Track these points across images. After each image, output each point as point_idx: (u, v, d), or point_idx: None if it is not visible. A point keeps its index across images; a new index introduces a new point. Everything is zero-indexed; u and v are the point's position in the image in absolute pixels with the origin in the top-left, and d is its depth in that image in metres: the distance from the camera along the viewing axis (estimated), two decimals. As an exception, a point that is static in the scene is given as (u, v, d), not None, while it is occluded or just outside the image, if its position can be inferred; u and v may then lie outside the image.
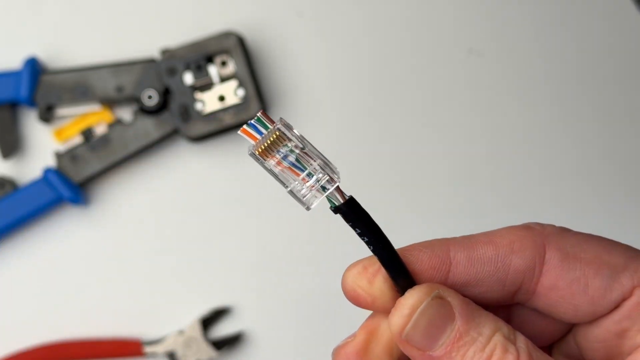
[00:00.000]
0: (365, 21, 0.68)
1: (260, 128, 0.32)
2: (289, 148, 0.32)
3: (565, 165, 0.68)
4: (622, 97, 0.68)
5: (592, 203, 0.68)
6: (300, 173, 0.32)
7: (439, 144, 0.68)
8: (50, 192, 0.64)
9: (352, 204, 0.32)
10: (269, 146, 0.32)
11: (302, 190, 0.32)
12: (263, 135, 0.32)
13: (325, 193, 0.32)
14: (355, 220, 0.32)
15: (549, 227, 0.36)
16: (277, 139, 0.32)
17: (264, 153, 0.32)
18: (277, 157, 0.32)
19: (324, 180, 0.32)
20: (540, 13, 0.69)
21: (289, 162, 0.32)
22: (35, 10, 0.68)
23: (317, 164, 0.32)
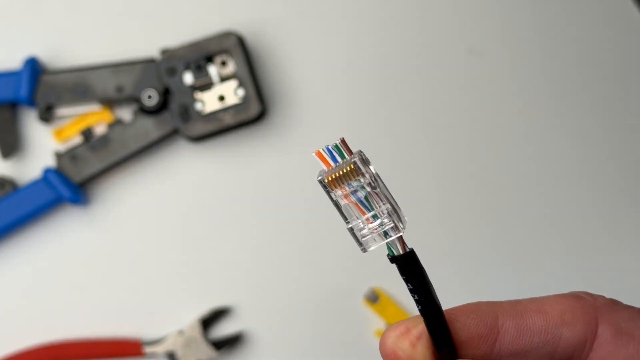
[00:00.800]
0: (365, 21, 0.68)
1: (336, 155, 0.31)
2: (360, 183, 0.30)
3: (566, 164, 0.68)
4: (622, 96, 0.68)
5: (593, 203, 0.68)
6: (366, 212, 0.31)
7: (439, 143, 0.68)
8: (50, 192, 0.64)
9: (412, 257, 0.31)
10: (340, 177, 0.30)
11: (363, 230, 0.31)
12: (337, 163, 0.31)
13: (387, 240, 0.31)
14: (411, 275, 0.31)
15: (600, 299, 0.34)
16: (351, 172, 0.30)
17: (333, 182, 0.30)
18: (347, 189, 0.30)
19: (388, 226, 0.31)
20: (540, 13, 0.69)
21: (357, 198, 0.31)
22: (35, 10, 0.68)
23: (385, 207, 0.31)
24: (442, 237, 0.67)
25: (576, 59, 0.69)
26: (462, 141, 0.68)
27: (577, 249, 0.67)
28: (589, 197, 0.68)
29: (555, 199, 0.67)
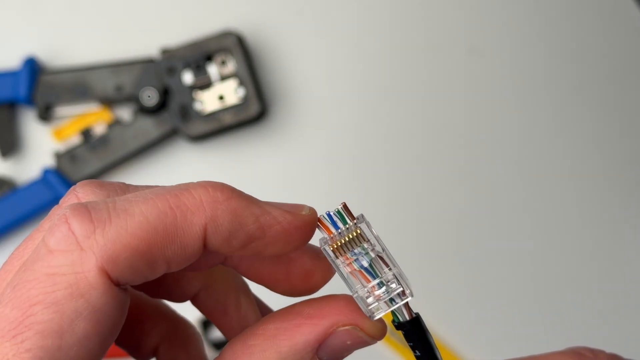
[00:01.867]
0: (365, 20, 0.68)
1: (337, 221, 0.29)
2: (364, 250, 0.29)
3: (567, 164, 0.68)
4: (623, 96, 0.68)
5: (594, 203, 0.67)
6: (371, 280, 0.29)
7: (439, 143, 0.68)
8: (49, 192, 0.64)
9: (418, 323, 0.30)
10: (344, 244, 0.29)
11: (369, 299, 0.29)
12: (339, 229, 0.29)
13: (394, 307, 0.29)
14: (417, 340, 0.30)
15: (601, 355, 0.33)
16: (355, 238, 0.29)
17: (337, 250, 0.29)
18: (350, 257, 0.29)
19: (394, 292, 0.29)
20: (541, 12, 0.69)
21: (360, 266, 0.29)
22: (34, 9, 0.68)
23: (391, 273, 0.29)
24: (442, 236, 0.67)
25: (577, 59, 0.68)
26: (463, 140, 0.68)
27: (578, 253, 0.67)
28: (589, 198, 0.67)
29: (556, 199, 0.67)
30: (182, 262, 0.28)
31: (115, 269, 0.27)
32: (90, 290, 0.27)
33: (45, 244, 0.27)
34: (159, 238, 0.27)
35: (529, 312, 0.66)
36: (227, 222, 0.28)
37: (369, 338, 0.29)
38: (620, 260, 0.67)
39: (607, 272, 0.67)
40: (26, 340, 0.26)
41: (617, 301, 0.67)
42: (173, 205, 0.27)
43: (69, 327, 0.26)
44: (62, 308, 0.26)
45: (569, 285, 0.67)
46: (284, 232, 0.29)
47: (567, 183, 0.67)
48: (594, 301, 0.66)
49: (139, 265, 0.27)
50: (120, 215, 0.27)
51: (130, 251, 0.27)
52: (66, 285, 0.27)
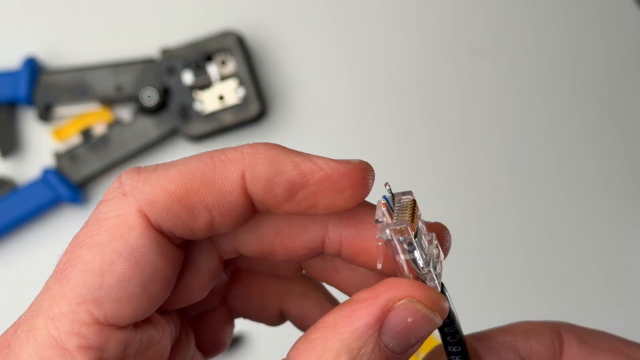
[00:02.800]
0: (365, 20, 0.68)
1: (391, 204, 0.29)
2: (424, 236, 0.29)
3: (567, 163, 0.68)
4: (623, 96, 0.68)
5: (595, 203, 0.67)
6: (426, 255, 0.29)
7: (440, 143, 0.68)
8: (50, 192, 0.64)
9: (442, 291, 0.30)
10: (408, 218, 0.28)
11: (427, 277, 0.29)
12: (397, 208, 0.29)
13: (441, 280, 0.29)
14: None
15: (564, 322, 0.34)
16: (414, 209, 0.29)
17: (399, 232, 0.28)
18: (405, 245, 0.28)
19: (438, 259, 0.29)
20: (541, 12, 0.69)
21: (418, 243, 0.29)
22: (35, 9, 0.68)
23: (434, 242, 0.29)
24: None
25: (577, 59, 0.68)
26: (463, 140, 0.68)
27: (578, 248, 0.67)
28: (589, 196, 0.67)
29: (556, 199, 0.67)
30: (227, 212, 0.28)
31: (153, 211, 0.28)
32: (129, 231, 0.28)
33: (101, 199, 0.29)
34: (197, 183, 0.28)
35: (529, 312, 0.66)
36: (264, 168, 0.28)
37: (429, 312, 0.28)
38: (622, 260, 0.67)
39: (608, 271, 0.67)
40: (71, 278, 0.28)
41: (617, 301, 0.67)
42: (214, 156, 0.28)
43: (109, 267, 0.28)
44: (103, 249, 0.28)
45: (569, 284, 0.67)
46: (328, 179, 0.28)
47: (567, 183, 0.67)
48: (594, 301, 0.66)
49: (177, 209, 0.28)
50: (165, 166, 0.29)
51: (168, 194, 0.28)
52: (109, 227, 0.28)
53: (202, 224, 0.28)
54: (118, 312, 0.28)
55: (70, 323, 0.27)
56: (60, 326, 0.27)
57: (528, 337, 0.33)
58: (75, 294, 0.27)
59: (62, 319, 0.28)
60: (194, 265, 0.31)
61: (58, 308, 0.28)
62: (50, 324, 0.28)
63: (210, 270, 0.31)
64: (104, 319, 0.28)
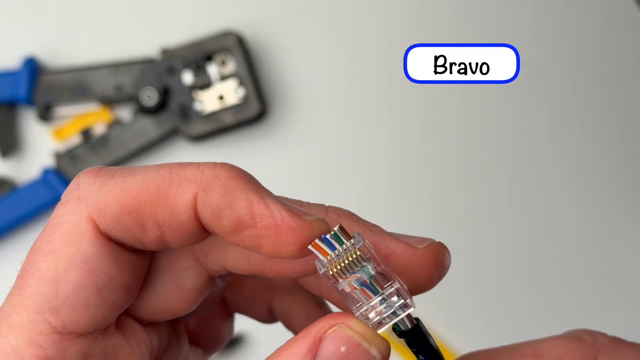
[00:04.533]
0: (365, 20, 0.68)
1: (334, 243, 0.28)
2: (367, 270, 0.28)
3: (568, 163, 0.68)
4: (623, 96, 0.68)
5: (595, 203, 0.67)
6: (373, 296, 0.28)
7: (440, 143, 0.67)
8: (49, 192, 0.64)
9: (418, 329, 0.29)
10: (345, 267, 0.27)
11: (371, 314, 0.28)
12: (336, 250, 0.27)
13: (397, 319, 0.28)
14: (420, 345, 0.29)
15: (601, 338, 0.32)
16: (356, 259, 0.27)
17: (338, 274, 0.27)
18: (350, 277, 0.28)
19: (397, 304, 0.28)
20: (540, 13, 0.69)
21: (361, 284, 0.28)
22: (34, 9, 0.68)
23: (393, 288, 0.28)
24: (442, 236, 0.67)
25: (576, 58, 0.68)
26: (463, 140, 0.68)
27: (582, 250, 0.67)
28: (590, 196, 0.67)
29: (556, 199, 0.67)
30: (177, 231, 0.28)
31: (102, 220, 0.28)
32: (80, 239, 0.28)
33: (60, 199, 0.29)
34: (150, 198, 0.28)
35: (529, 312, 0.66)
36: (217, 198, 0.27)
37: (363, 340, 0.27)
38: (622, 260, 0.67)
39: (608, 271, 0.67)
40: (29, 287, 0.27)
41: (617, 301, 0.67)
42: (174, 171, 0.28)
43: (63, 275, 0.27)
44: (57, 256, 0.28)
45: (569, 284, 0.66)
46: (275, 229, 0.27)
47: (567, 183, 0.67)
48: (594, 301, 0.66)
49: (127, 221, 0.28)
50: (124, 174, 0.29)
51: (119, 205, 0.28)
52: (62, 233, 0.28)
53: (152, 238, 0.28)
54: (75, 319, 0.28)
55: (29, 333, 0.27)
56: (19, 336, 0.27)
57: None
58: (32, 303, 0.27)
59: (21, 328, 0.27)
60: (179, 284, 0.30)
61: (17, 317, 0.28)
62: (10, 333, 0.28)
63: (197, 288, 0.31)
64: (62, 327, 0.27)
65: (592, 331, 0.32)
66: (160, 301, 0.30)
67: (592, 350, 0.31)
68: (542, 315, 0.66)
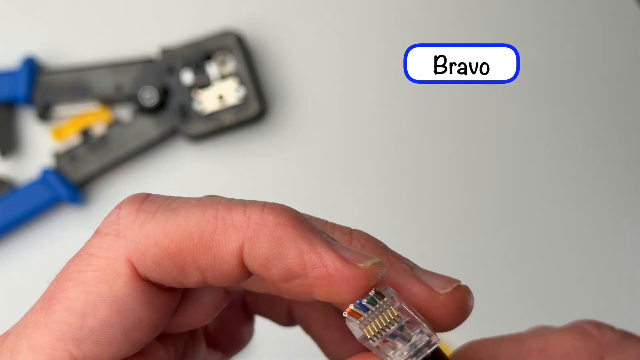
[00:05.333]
0: (366, 20, 0.68)
1: (368, 306, 0.27)
2: (399, 324, 0.27)
3: (567, 163, 0.67)
4: (623, 96, 0.68)
5: (597, 204, 0.67)
6: (404, 344, 0.27)
7: (440, 143, 0.67)
8: (49, 192, 0.64)
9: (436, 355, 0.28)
10: (382, 328, 0.27)
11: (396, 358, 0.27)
12: (369, 311, 0.27)
13: (423, 356, 0.27)
14: None
15: (608, 334, 0.32)
16: (392, 320, 0.27)
17: (377, 335, 0.27)
18: (385, 333, 0.27)
19: (422, 343, 0.27)
20: (540, 12, 0.69)
21: (393, 336, 0.27)
22: (34, 8, 0.68)
23: (419, 332, 0.27)
24: (442, 235, 0.67)
25: (576, 58, 0.68)
26: (463, 139, 0.67)
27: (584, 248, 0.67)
28: (592, 197, 0.67)
29: (556, 199, 0.67)
30: (220, 276, 0.27)
31: (141, 263, 0.27)
32: (115, 278, 0.27)
33: (100, 224, 0.28)
34: (192, 244, 0.27)
35: (529, 312, 0.66)
36: (265, 248, 0.26)
37: None
38: (622, 260, 0.67)
39: (608, 271, 0.67)
40: (55, 312, 0.28)
41: (617, 301, 0.67)
42: (219, 216, 0.27)
43: (91, 310, 0.27)
44: (88, 289, 0.27)
45: (569, 284, 0.66)
46: (329, 279, 0.26)
47: (567, 183, 0.67)
48: (594, 301, 0.66)
49: (167, 266, 0.27)
50: (166, 212, 0.28)
51: (159, 249, 0.27)
52: (97, 267, 0.27)
53: (193, 281, 0.28)
54: (97, 354, 0.27)
55: (47, 357, 0.27)
56: (39, 357, 0.27)
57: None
58: (56, 329, 0.27)
59: (41, 351, 0.27)
60: (195, 300, 0.30)
61: (40, 338, 0.28)
62: (30, 353, 0.28)
63: (213, 303, 0.31)
64: (82, 358, 0.27)
65: (600, 324, 0.32)
66: (177, 317, 0.30)
67: (599, 347, 0.31)
68: (543, 315, 0.66)
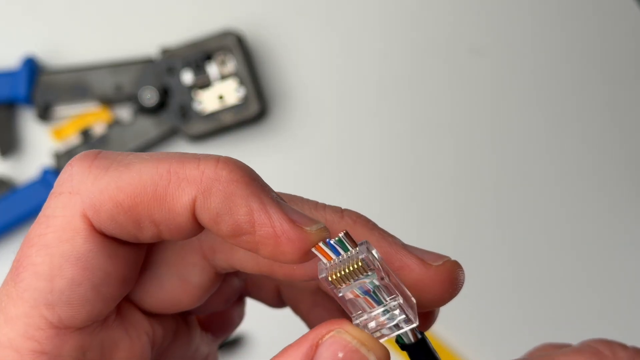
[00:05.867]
0: (365, 20, 0.68)
1: (338, 249, 0.27)
2: (368, 278, 0.27)
3: (568, 163, 0.67)
4: (624, 95, 0.68)
5: (597, 204, 0.67)
6: (375, 306, 0.27)
7: (440, 143, 0.67)
8: (49, 192, 0.64)
9: (423, 344, 0.28)
10: (347, 274, 0.27)
11: (371, 324, 0.27)
12: (340, 257, 0.27)
13: (398, 332, 0.27)
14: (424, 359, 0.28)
15: (620, 352, 0.30)
16: (358, 268, 0.27)
17: (339, 280, 0.27)
18: (353, 285, 0.27)
19: (400, 317, 0.27)
20: (540, 12, 0.69)
21: (364, 292, 0.27)
22: (34, 9, 0.68)
23: (396, 302, 0.27)
24: (443, 235, 0.67)
25: (577, 58, 0.68)
26: (463, 139, 0.67)
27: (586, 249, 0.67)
28: (592, 197, 0.67)
29: (557, 198, 0.67)
30: (174, 230, 0.27)
31: (97, 218, 0.27)
32: (74, 236, 0.27)
33: (54, 185, 0.28)
34: (146, 198, 0.27)
35: (529, 312, 0.66)
36: (217, 203, 0.26)
37: (360, 345, 0.26)
38: (622, 260, 0.67)
39: (608, 271, 0.67)
40: (24, 280, 0.28)
41: (618, 300, 0.66)
42: (172, 170, 0.27)
43: (58, 271, 0.27)
44: (51, 251, 0.27)
45: (570, 284, 0.66)
46: (275, 239, 0.26)
47: (567, 183, 0.67)
48: (594, 301, 0.66)
49: (123, 220, 0.27)
50: (120, 167, 0.27)
51: (114, 204, 0.27)
52: (56, 228, 0.28)
53: (148, 235, 0.27)
54: (72, 314, 0.27)
55: (25, 326, 0.27)
56: (15, 328, 0.27)
57: None
58: (28, 296, 0.27)
59: (16, 321, 0.27)
60: (184, 279, 0.30)
61: (14, 309, 0.27)
62: (6, 325, 0.28)
63: (203, 284, 0.30)
64: (59, 322, 0.27)
65: (611, 343, 0.31)
66: (164, 294, 0.30)
67: None
68: (542, 316, 0.66)
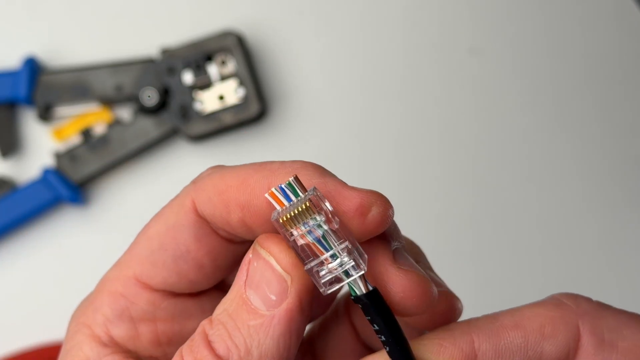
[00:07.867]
0: (365, 20, 0.68)
1: (289, 194, 0.29)
2: (317, 222, 0.28)
3: (568, 163, 0.68)
4: (624, 95, 0.68)
5: (594, 204, 0.67)
6: (324, 252, 0.28)
7: (440, 142, 0.68)
8: (49, 192, 0.64)
9: (375, 296, 0.29)
10: (296, 216, 0.28)
11: (322, 272, 0.29)
12: (291, 202, 0.29)
13: (348, 280, 0.29)
14: (375, 315, 0.29)
15: (584, 304, 0.31)
16: (305, 210, 0.28)
17: (289, 222, 0.28)
18: (302, 229, 0.28)
19: (349, 264, 0.28)
20: (541, 12, 0.69)
21: (314, 238, 0.28)
22: (35, 9, 0.68)
23: (344, 245, 0.28)
24: (444, 234, 0.67)
25: (577, 58, 0.68)
26: (463, 139, 0.68)
27: (575, 246, 0.67)
28: (588, 196, 0.67)
29: (558, 198, 0.67)
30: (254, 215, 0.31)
31: (199, 199, 0.33)
32: (179, 209, 0.33)
33: None
34: (236, 183, 0.32)
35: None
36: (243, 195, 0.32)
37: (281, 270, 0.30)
38: (622, 259, 0.67)
39: (608, 269, 0.67)
40: (139, 236, 0.34)
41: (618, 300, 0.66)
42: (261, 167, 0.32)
43: (156, 235, 0.34)
44: (161, 220, 0.34)
45: (569, 283, 0.66)
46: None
47: (568, 182, 0.67)
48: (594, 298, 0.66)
49: (216, 201, 0.32)
50: (228, 168, 0.33)
51: (212, 186, 0.32)
52: (172, 204, 0.34)
53: (235, 220, 0.31)
54: (151, 275, 0.33)
55: (120, 270, 0.34)
56: (115, 270, 0.34)
57: (541, 338, 0.30)
58: (133, 249, 0.34)
59: (119, 265, 0.34)
60: None
61: (123, 257, 0.35)
62: (114, 267, 0.35)
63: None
64: (139, 276, 0.33)
65: (575, 295, 0.31)
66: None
67: (574, 316, 0.31)
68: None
